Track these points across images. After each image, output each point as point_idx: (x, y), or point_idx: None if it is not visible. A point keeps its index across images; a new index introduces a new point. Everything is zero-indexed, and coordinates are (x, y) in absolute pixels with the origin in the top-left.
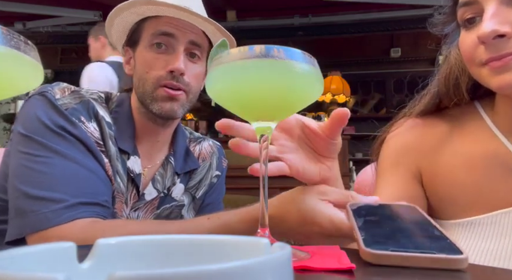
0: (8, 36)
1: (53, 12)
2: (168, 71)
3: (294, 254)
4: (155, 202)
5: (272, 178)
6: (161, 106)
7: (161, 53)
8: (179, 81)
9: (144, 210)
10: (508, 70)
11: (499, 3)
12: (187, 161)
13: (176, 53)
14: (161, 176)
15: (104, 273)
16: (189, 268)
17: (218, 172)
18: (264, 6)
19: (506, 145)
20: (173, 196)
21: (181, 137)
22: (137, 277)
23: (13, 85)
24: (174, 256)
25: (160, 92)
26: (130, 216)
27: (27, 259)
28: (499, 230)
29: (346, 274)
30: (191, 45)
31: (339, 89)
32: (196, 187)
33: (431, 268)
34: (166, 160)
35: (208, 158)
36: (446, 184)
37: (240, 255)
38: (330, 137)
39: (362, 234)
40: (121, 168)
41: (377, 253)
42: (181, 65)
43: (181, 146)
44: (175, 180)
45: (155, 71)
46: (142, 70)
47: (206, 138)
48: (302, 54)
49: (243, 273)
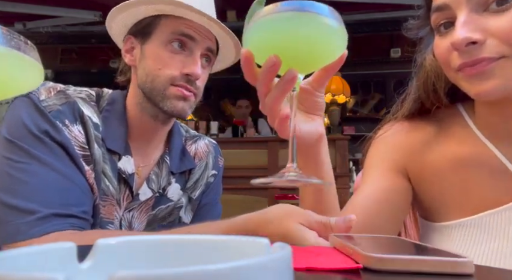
0: (8, 36)
1: (53, 13)
2: (184, 74)
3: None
4: (150, 202)
5: None
6: (174, 104)
7: (178, 53)
8: (193, 85)
9: (138, 210)
10: (484, 78)
11: (470, 11)
12: (183, 161)
13: (194, 57)
14: (156, 176)
15: (104, 273)
16: (189, 268)
17: (215, 171)
18: None
19: (489, 147)
20: (169, 196)
21: (177, 136)
22: (137, 277)
23: (13, 85)
24: (174, 256)
25: (173, 91)
26: (124, 216)
27: (27, 259)
28: (487, 231)
29: (352, 275)
30: (207, 52)
31: (339, 89)
32: (192, 188)
33: (436, 273)
34: (162, 159)
35: (204, 157)
36: (434, 184)
37: (240, 255)
38: (317, 89)
39: (358, 245)
40: (110, 170)
41: (379, 257)
42: (199, 71)
43: (177, 145)
44: (171, 180)
45: (170, 70)
46: (153, 66)
47: (202, 136)
48: (330, 11)
49: (243, 273)
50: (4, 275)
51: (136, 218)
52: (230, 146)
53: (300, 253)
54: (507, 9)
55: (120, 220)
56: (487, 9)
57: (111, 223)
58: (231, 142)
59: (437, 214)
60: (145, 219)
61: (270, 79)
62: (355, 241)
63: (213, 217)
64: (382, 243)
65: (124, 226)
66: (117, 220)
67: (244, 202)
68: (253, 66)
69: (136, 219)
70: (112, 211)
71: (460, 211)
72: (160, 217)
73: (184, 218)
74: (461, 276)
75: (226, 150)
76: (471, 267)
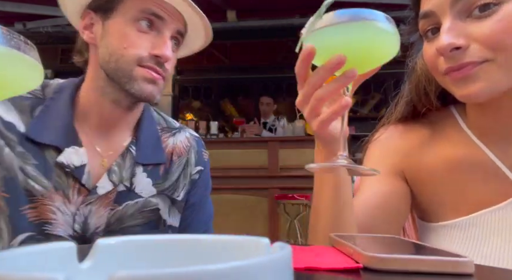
0: (8, 36)
1: (53, 13)
2: (152, 55)
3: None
4: (110, 196)
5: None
6: (142, 87)
7: (146, 32)
8: (162, 68)
9: (97, 204)
10: (470, 81)
11: (454, 18)
12: (155, 153)
13: (163, 37)
14: (119, 167)
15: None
16: (189, 268)
17: (200, 167)
18: (264, 6)
19: (481, 148)
20: (137, 191)
21: (147, 124)
22: (137, 277)
23: (13, 85)
24: (174, 256)
25: (141, 72)
26: (79, 211)
27: (27, 259)
28: (482, 231)
29: (352, 275)
30: (176, 34)
31: None
32: (173, 188)
33: (436, 272)
34: (127, 149)
35: (184, 153)
36: (430, 186)
37: (240, 255)
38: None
39: (357, 245)
40: (36, 168)
41: (380, 257)
42: (169, 53)
43: (148, 133)
44: (135, 171)
45: (137, 50)
46: (118, 44)
47: (183, 129)
48: (386, 17)
49: (243, 273)
50: (4, 275)
51: (93, 213)
52: (230, 146)
53: (300, 253)
54: (489, 15)
55: (74, 216)
56: (470, 15)
57: (48, 223)
58: (231, 142)
59: (434, 215)
60: (105, 215)
61: (329, 75)
62: (355, 241)
63: (204, 217)
64: (382, 243)
65: (78, 221)
66: (64, 217)
67: (244, 202)
68: (310, 63)
69: (93, 214)
70: (46, 211)
71: (455, 211)
72: (130, 215)
73: (170, 221)
74: (461, 276)
75: (226, 150)
76: (471, 266)
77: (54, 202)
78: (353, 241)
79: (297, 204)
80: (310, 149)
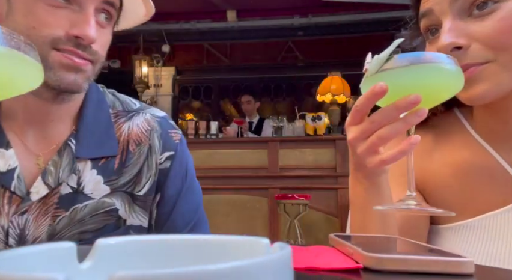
0: (8, 36)
1: None
2: (72, 35)
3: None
4: (50, 200)
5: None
6: (61, 76)
7: (60, 7)
8: (86, 50)
9: (34, 213)
10: (473, 83)
11: (454, 17)
12: (102, 144)
13: (85, 13)
14: (55, 166)
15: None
16: (189, 268)
17: (169, 153)
18: (264, 6)
19: (488, 151)
20: (87, 192)
21: (92, 110)
22: (137, 277)
23: (13, 85)
24: (174, 256)
25: (58, 58)
26: (12, 223)
27: (27, 259)
28: (488, 232)
29: (352, 275)
30: (105, 5)
31: (339, 89)
32: (133, 183)
33: (436, 272)
34: (65, 144)
35: (145, 140)
36: (436, 191)
37: (240, 255)
38: None
39: (358, 245)
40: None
41: (380, 257)
42: (93, 32)
43: (92, 122)
44: (78, 168)
45: (50, 29)
46: (26, 24)
47: (142, 110)
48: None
49: (243, 273)
50: (4, 275)
51: (31, 223)
52: (230, 146)
53: (300, 253)
54: (489, 13)
55: (6, 229)
56: (471, 14)
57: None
58: (231, 142)
59: (441, 217)
60: (46, 223)
61: (398, 114)
62: (355, 241)
63: (188, 207)
64: (382, 243)
65: (12, 235)
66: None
67: (244, 202)
68: (377, 101)
69: (31, 224)
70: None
71: (463, 213)
72: (77, 220)
73: (131, 220)
74: (461, 276)
75: (226, 150)
76: (471, 266)
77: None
78: (353, 241)
79: (297, 204)
80: (310, 149)
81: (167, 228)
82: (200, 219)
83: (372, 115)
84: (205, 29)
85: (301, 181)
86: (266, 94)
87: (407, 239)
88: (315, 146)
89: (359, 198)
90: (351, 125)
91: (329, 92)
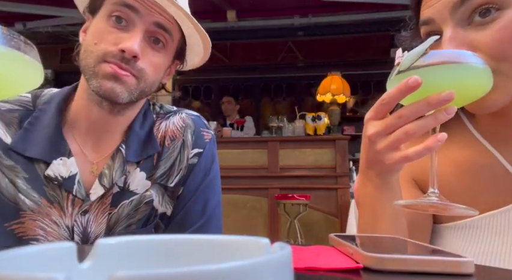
0: (8, 36)
1: (53, 12)
2: (119, 50)
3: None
4: (106, 200)
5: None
6: (101, 83)
7: (118, 28)
8: (130, 64)
9: (94, 212)
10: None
11: (455, 26)
12: (146, 146)
13: (133, 31)
14: (109, 169)
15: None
16: (189, 268)
17: (198, 150)
18: (264, 6)
19: (490, 150)
20: (132, 189)
21: (140, 123)
22: (137, 277)
23: (13, 85)
24: (174, 256)
25: (103, 67)
26: (76, 222)
27: (27, 259)
28: (489, 232)
29: (352, 275)
30: (156, 28)
31: (339, 89)
32: (167, 175)
33: (436, 272)
34: (117, 150)
35: (179, 135)
36: (438, 189)
37: (240, 255)
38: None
39: (358, 245)
40: (26, 182)
41: (380, 257)
42: (135, 46)
43: (140, 129)
44: (127, 171)
45: (104, 44)
46: (90, 41)
47: (179, 111)
48: (474, 56)
49: (243, 273)
50: (4, 275)
51: (92, 222)
52: (230, 146)
53: (300, 253)
54: (491, 21)
55: (71, 228)
56: (472, 22)
57: (35, 239)
58: (231, 142)
59: (443, 216)
60: (105, 220)
61: (428, 111)
62: (355, 241)
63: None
64: (382, 243)
65: (77, 232)
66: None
67: (244, 202)
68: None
69: (92, 223)
70: (34, 227)
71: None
72: (125, 215)
73: (161, 209)
74: (461, 276)
75: (226, 150)
76: (471, 266)
77: (47, 216)
78: (353, 241)
79: (297, 204)
80: (310, 149)
81: (178, 224)
82: (208, 223)
83: (400, 110)
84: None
85: (301, 181)
86: (266, 93)
87: (407, 239)
88: (315, 146)
89: (369, 198)
90: (373, 120)
91: (329, 92)
